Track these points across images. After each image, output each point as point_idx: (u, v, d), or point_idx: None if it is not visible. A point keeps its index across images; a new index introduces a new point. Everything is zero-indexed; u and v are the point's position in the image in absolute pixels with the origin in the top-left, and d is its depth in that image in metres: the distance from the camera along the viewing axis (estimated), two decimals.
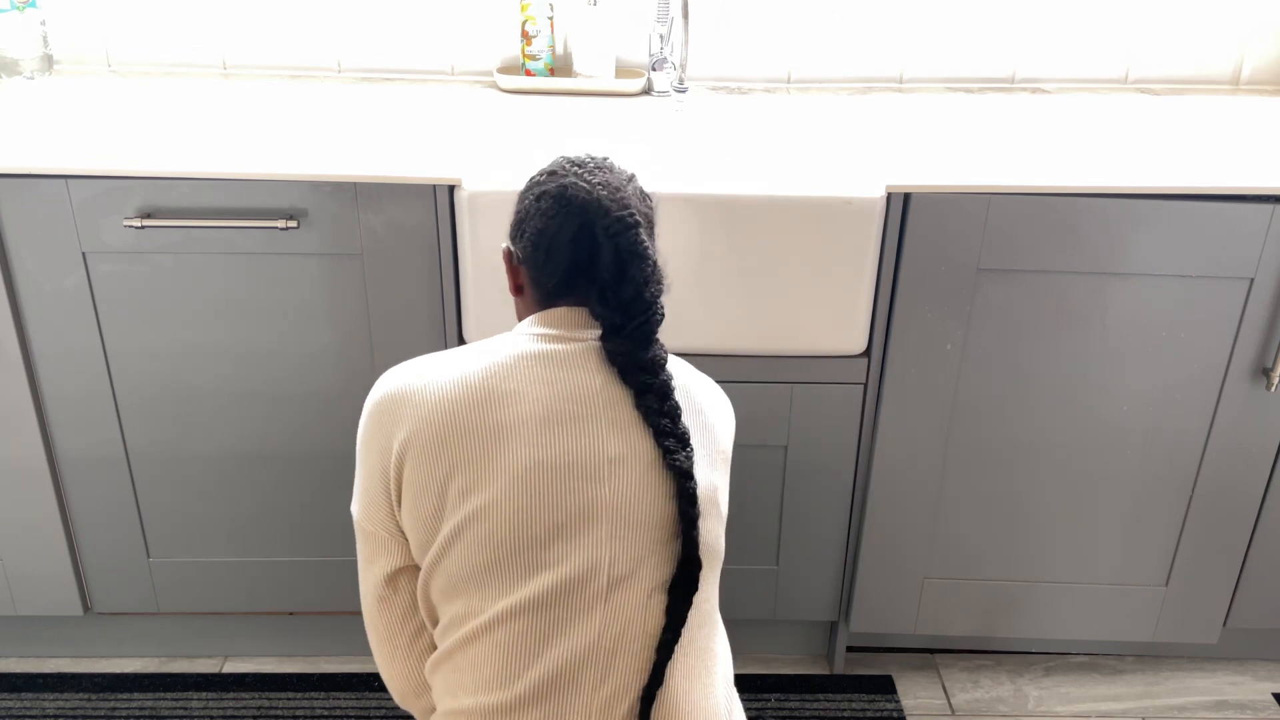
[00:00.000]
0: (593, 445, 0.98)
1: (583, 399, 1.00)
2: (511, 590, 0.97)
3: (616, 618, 0.97)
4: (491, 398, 0.99)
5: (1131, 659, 1.84)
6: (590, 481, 0.97)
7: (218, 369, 1.53)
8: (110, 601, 1.69)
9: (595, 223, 1.02)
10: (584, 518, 0.97)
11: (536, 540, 0.97)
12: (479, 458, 0.98)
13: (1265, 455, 1.58)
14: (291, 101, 1.69)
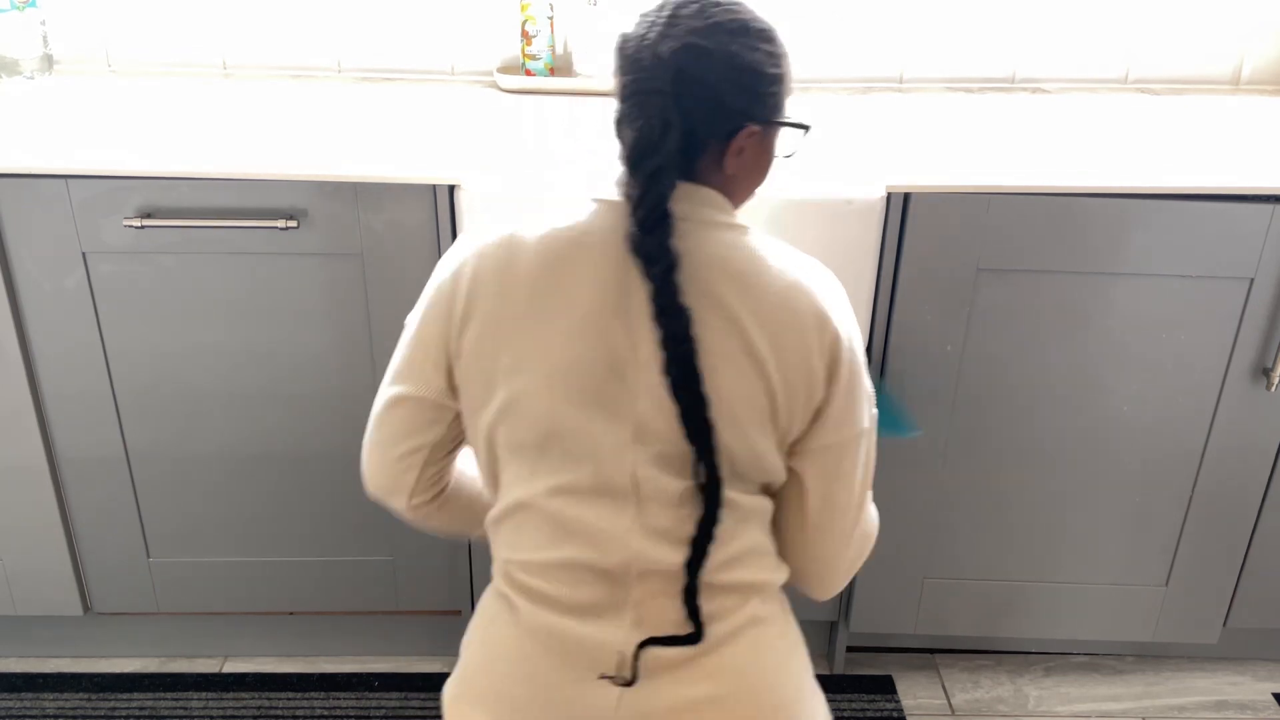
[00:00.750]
0: (626, 344, 0.92)
1: (623, 289, 0.92)
2: (551, 475, 0.95)
3: (644, 524, 0.94)
4: (552, 280, 0.93)
5: (1131, 659, 1.84)
6: (620, 383, 0.93)
7: (218, 369, 1.53)
8: (110, 601, 1.69)
9: (656, 30, 0.91)
10: (611, 419, 0.93)
11: (568, 433, 0.94)
12: (528, 341, 0.94)
13: (1265, 455, 1.58)
14: (291, 101, 1.69)
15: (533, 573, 0.97)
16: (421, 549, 1.66)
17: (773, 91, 0.95)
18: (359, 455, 1.58)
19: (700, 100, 0.91)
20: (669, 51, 0.91)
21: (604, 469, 0.94)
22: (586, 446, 0.94)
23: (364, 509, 1.64)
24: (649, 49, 0.91)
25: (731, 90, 0.92)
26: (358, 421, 1.56)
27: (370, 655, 1.81)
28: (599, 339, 0.93)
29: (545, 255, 0.95)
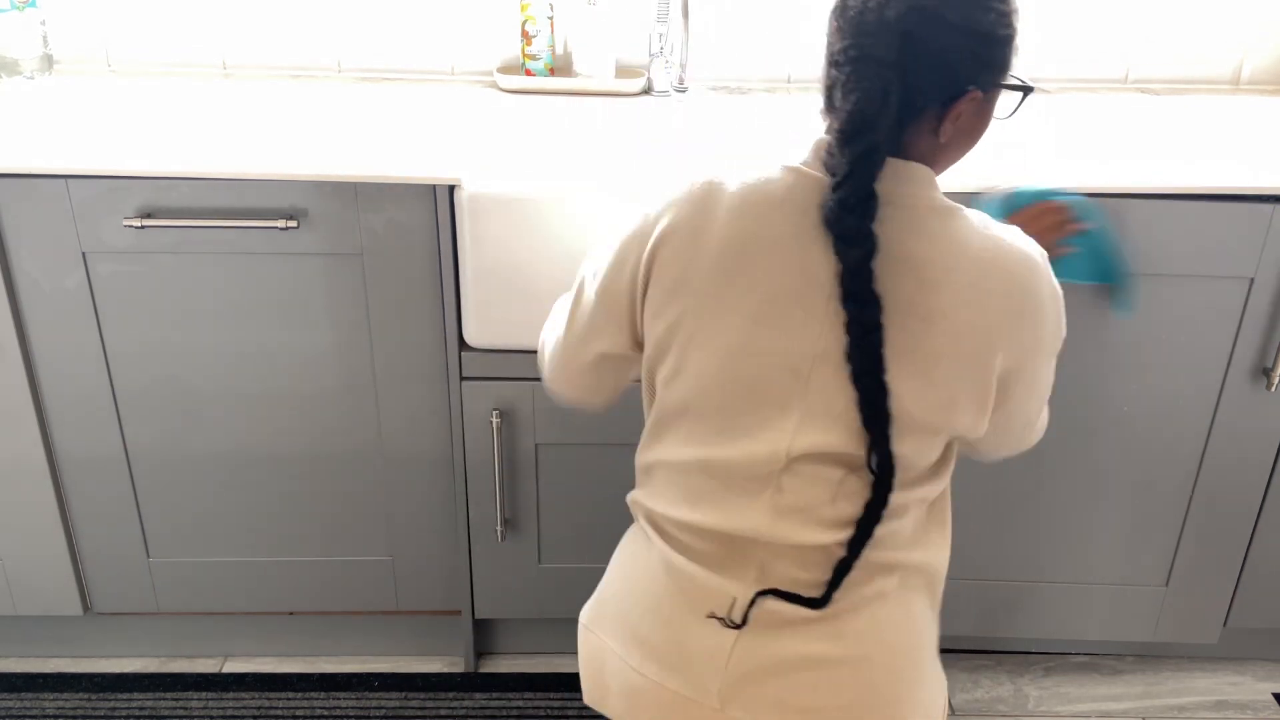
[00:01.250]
0: (807, 332, 0.91)
1: (809, 273, 0.90)
2: (702, 446, 0.96)
3: (779, 504, 0.94)
4: (740, 255, 0.91)
5: (1131, 659, 1.84)
6: (792, 373, 0.92)
7: (218, 369, 1.53)
8: (110, 601, 1.69)
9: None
10: (778, 405, 0.92)
11: (730, 413, 0.94)
12: (706, 314, 0.93)
13: (1265, 455, 1.58)
14: (291, 101, 1.69)
15: (671, 517, 1.00)
16: (421, 549, 1.66)
17: (1002, 54, 0.90)
18: (359, 455, 1.59)
19: (926, 68, 0.87)
20: (895, 16, 0.86)
21: (756, 450, 0.94)
22: (745, 427, 0.94)
23: (364, 509, 1.64)
24: (874, 12, 0.88)
25: (960, 56, 0.88)
26: (358, 422, 1.57)
27: (370, 655, 1.81)
28: (778, 326, 0.91)
29: (736, 227, 0.92)
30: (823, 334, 0.91)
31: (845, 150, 0.87)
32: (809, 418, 0.92)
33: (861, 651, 0.96)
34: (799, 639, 0.95)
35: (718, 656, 0.96)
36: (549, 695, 1.73)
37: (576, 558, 1.66)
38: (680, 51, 1.76)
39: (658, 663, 0.98)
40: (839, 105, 0.90)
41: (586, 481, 1.60)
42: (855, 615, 0.96)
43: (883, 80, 0.86)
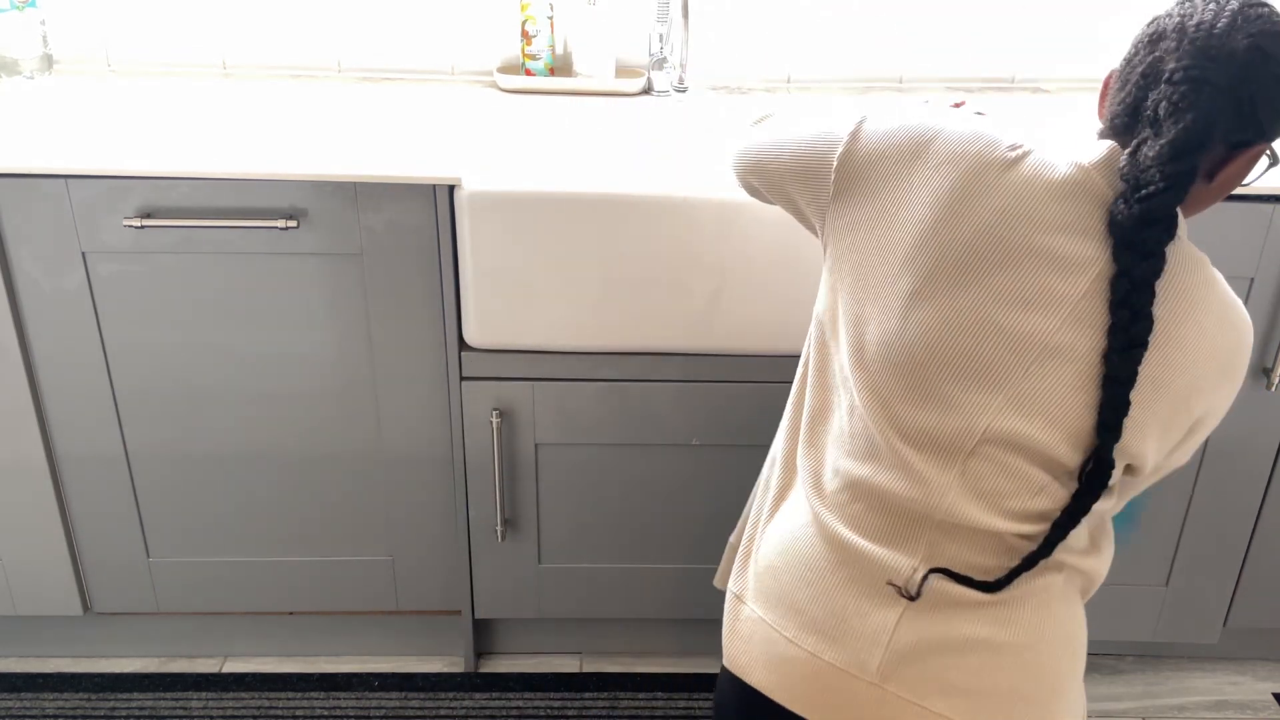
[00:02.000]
0: (1042, 323, 0.91)
1: (1066, 266, 0.91)
2: (894, 404, 0.95)
3: (966, 484, 0.94)
4: (1007, 232, 0.92)
5: (1131, 659, 1.84)
6: (1012, 351, 0.92)
7: (217, 369, 1.53)
8: (110, 601, 1.69)
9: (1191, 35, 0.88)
10: (983, 382, 0.92)
11: (931, 378, 0.94)
12: (940, 272, 0.93)
13: (1265, 455, 1.58)
14: (291, 101, 1.69)
15: (841, 483, 0.99)
16: (421, 549, 1.66)
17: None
18: (359, 455, 1.59)
19: (1240, 107, 0.89)
20: (1242, 48, 0.87)
21: (948, 423, 0.94)
22: (944, 395, 0.94)
23: (364, 509, 1.64)
24: (1219, 39, 0.88)
25: (1272, 105, 0.89)
26: (358, 422, 1.57)
27: (370, 655, 1.81)
28: (1017, 307, 0.91)
29: (1010, 201, 0.92)
30: (1063, 330, 0.91)
31: (1166, 166, 0.88)
32: (1015, 404, 0.92)
33: (1028, 640, 0.95)
34: (967, 621, 0.95)
35: (881, 633, 0.95)
36: (549, 695, 1.73)
37: (576, 558, 1.66)
38: (680, 51, 1.76)
39: (817, 634, 0.98)
40: (1162, 120, 0.90)
41: (586, 481, 1.60)
42: (1023, 605, 0.96)
43: (1216, 107, 0.88)
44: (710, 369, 1.51)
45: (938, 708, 0.94)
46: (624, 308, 1.45)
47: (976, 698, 0.94)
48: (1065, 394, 0.92)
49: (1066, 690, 0.99)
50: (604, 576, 1.67)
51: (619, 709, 1.71)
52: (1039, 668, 0.96)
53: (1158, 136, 0.89)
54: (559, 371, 1.51)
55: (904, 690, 0.94)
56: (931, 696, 0.94)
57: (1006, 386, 0.92)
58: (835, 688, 0.97)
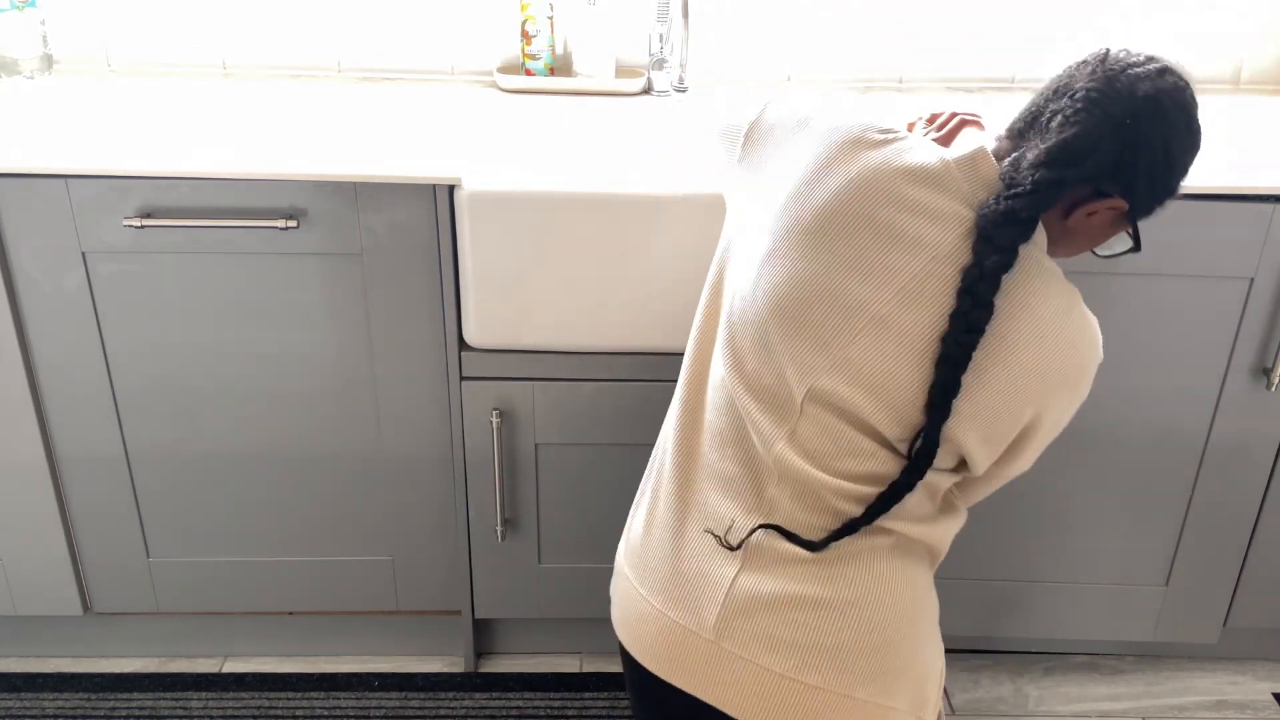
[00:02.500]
0: (871, 296, 0.96)
1: (907, 244, 0.96)
2: (745, 358, 1.02)
3: (796, 442, 0.99)
4: (844, 199, 0.98)
5: (1131, 659, 1.84)
6: (843, 317, 0.97)
7: (218, 369, 1.53)
8: (110, 601, 1.69)
9: (1088, 74, 0.97)
10: (814, 342, 0.97)
11: (772, 334, 0.99)
12: (793, 234, 0.99)
13: (1265, 455, 1.58)
14: (291, 101, 1.69)
15: (703, 436, 1.05)
16: (421, 549, 1.66)
17: (1159, 195, 0.99)
18: (359, 455, 1.59)
19: (1120, 148, 0.94)
20: (1142, 92, 0.94)
21: (783, 380, 0.99)
22: (779, 354, 0.99)
23: (364, 509, 1.64)
24: (1129, 77, 0.95)
25: (1146, 164, 0.96)
26: (358, 422, 1.57)
27: (370, 655, 1.81)
28: (856, 272, 0.96)
29: (869, 179, 0.98)
30: (893, 304, 0.95)
31: (1039, 171, 0.94)
32: (839, 367, 0.97)
33: (849, 597, 0.98)
34: (795, 580, 0.98)
35: (718, 590, 0.99)
36: (549, 695, 1.73)
37: (576, 558, 1.66)
38: (680, 51, 1.76)
39: (664, 593, 1.03)
40: (1052, 129, 0.96)
41: (586, 481, 1.60)
42: (849, 563, 0.99)
43: (1100, 135, 0.94)
44: None
45: (765, 662, 0.97)
46: (624, 308, 1.45)
47: (804, 652, 0.97)
48: (889, 366, 0.96)
49: (900, 651, 1.00)
50: (604, 576, 1.67)
51: (619, 709, 1.71)
52: (866, 625, 0.98)
53: (1042, 143, 0.96)
54: (559, 371, 1.51)
55: (735, 646, 0.98)
56: (761, 652, 0.97)
57: (833, 350, 0.97)
58: (679, 644, 1.01)
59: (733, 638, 0.98)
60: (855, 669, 0.97)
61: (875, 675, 0.98)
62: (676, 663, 1.01)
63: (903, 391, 0.96)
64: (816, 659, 0.97)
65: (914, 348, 0.95)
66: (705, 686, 0.99)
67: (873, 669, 0.98)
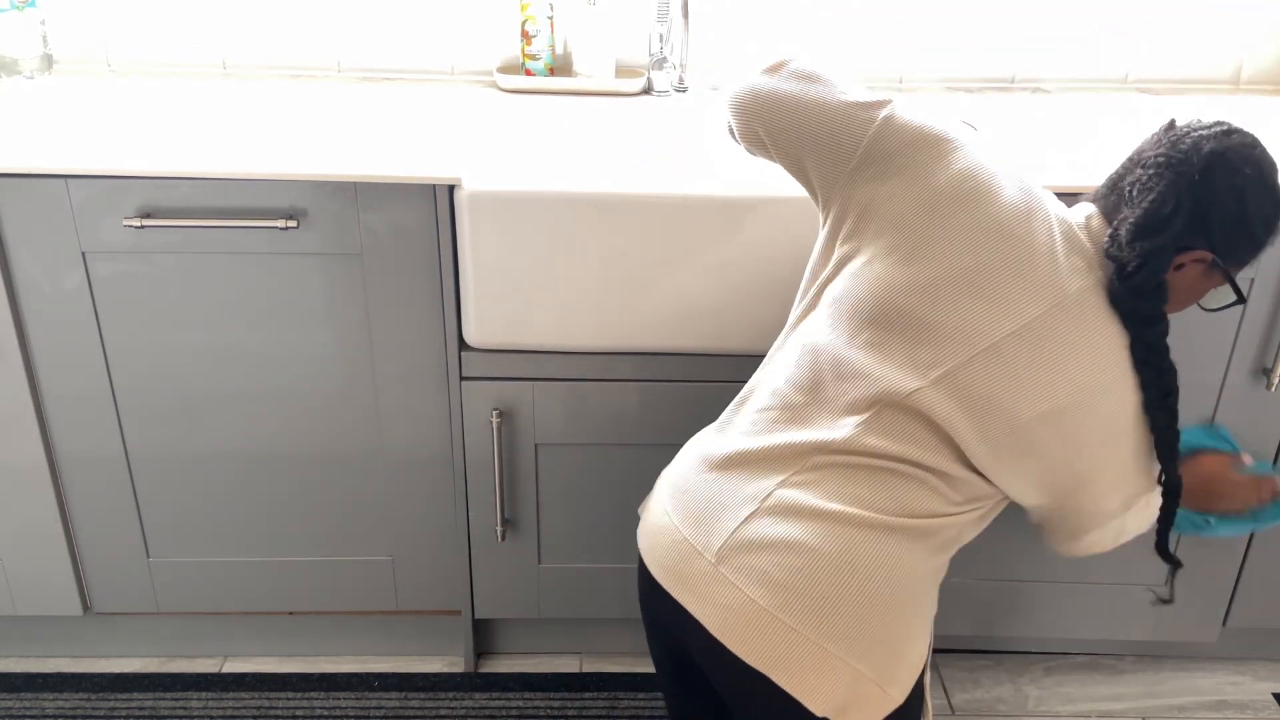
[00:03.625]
0: (1000, 318, 1.04)
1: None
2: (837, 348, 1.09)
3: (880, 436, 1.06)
4: (992, 248, 1.05)
5: (1131, 659, 1.84)
6: (967, 346, 1.04)
7: (218, 369, 1.53)
8: (110, 601, 1.69)
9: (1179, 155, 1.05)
10: (921, 345, 1.04)
11: (873, 330, 1.06)
12: (937, 245, 1.05)
13: (1265, 455, 1.58)
14: (291, 101, 1.69)
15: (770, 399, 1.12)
16: (421, 549, 1.66)
17: (1245, 249, 1.06)
18: (359, 455, 1.59)
19: (1194, 204, 1.02)
20: (1209, 151, 1.03)
21: (875, 379, 1.06)
22: (872, 354, 1.06)
23: (364, 509, 1.64)
24: (1193, 139, 1.04)
25: (1223, 217, 1.03)
26: (358, 422, 1.57)
27: (370, 655, 1.81)
28: (983, 294, 1.04)
29: (1005, 215, 1.06)
30: (1005, 334, 1.05)
31: (1136, 243, 1.03)
32: (948, 381, 1.04)
33: (849, 559, 1.02)
34: (802, 528, 1.03)
35: (731, 523, 1.06)
36: (549, 695, 1.73)
37: (576, 558, 1.66)
38: (680, 51, 1.76)
39: (685, 514, 1.10)
40: (1134, 198, 1.06)
41: (586, 481, 1.60)
42: (859, 529, 1.03)
43: (1178, 190, 1.03)
44: (710, 369, 1.51)
45: (753, 593, 1.02)
46: (624, 308, 1.45)
47: (788, 593, 1.02)
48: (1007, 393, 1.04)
49: (882, 623, 1.03)
50: (604, 576, 1.67)
51: (619, 709, 1.71)
52: (855, 589, 1.02)
53: (1130, 215, 1.04)
54: (559, 371, 1.51)
55: (732, 574, 1.04)
56: (751, 584, 1.03)
57: (940, 360, 1.04)
58: (684, 558, 1.08)
59: (732, 566, 1.04)
60: (834, 624, 1.01)
61: (851, 636, 1.02)
62: (678, 575, 1.08)
63: (1007, 412, 1.05)
64: (800, 603, 1.01)
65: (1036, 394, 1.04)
66: (695, 602, 1.05)
67: (850, 630, 1.02)
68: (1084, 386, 1.04)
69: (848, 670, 1.01)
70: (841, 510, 1.03)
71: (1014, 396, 1.03)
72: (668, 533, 1.11)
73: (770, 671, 1.01)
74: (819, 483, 1.05)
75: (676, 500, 1.12)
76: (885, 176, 1.07)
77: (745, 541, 1.04)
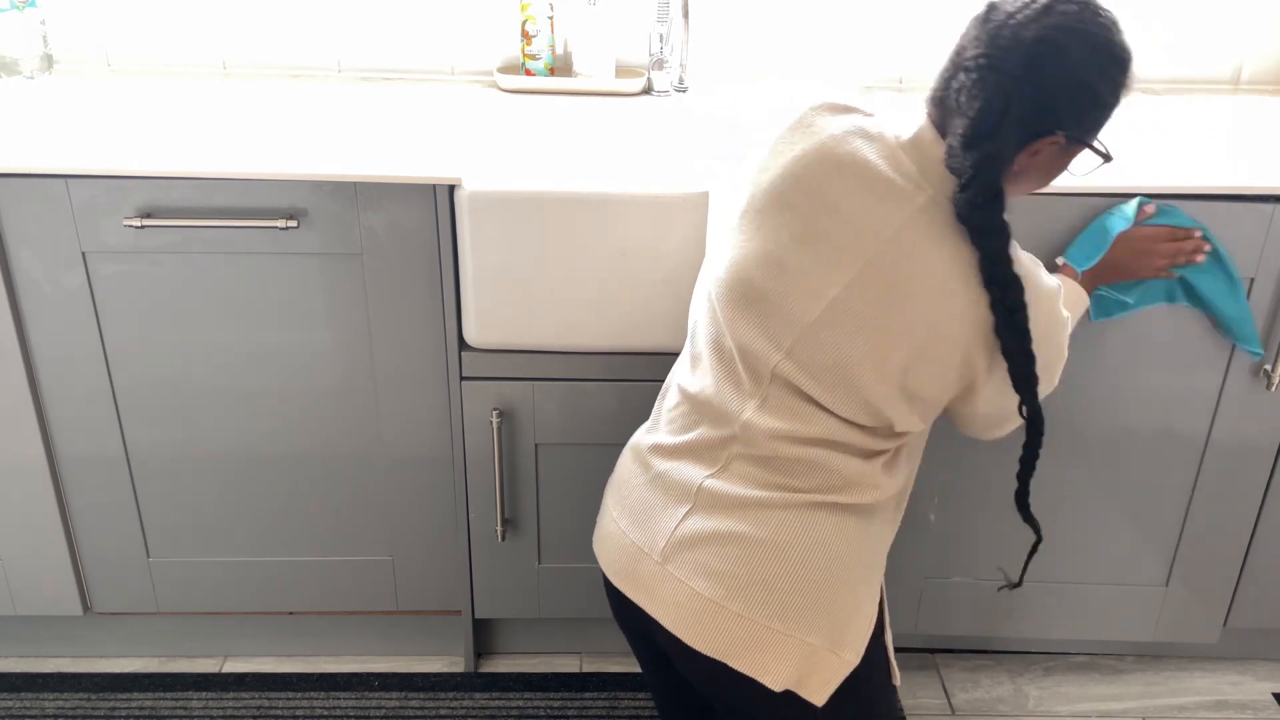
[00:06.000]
0: (831, 275, 1.04)
1: (863, 228, 1.03)
2: (713, 334, 1.12)
3: (764, 412, 1.09)
4: (839, 190, 1.04)
5: (1131, 659, 1.84)
6: (812, 299, 1.05)
7: (218, 369, 1.53)
8: (110, 601, 1.69)
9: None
10: (786, 322, 1.06)
11: (748, 310, 1.08)
12: (768, 215, 1.07)
13: (1265, 455, 1.58)
14: (291, 101, 1.69)
15: (677, 398, 1.16)
16: (421, 549, 1.66)
17: (1096, 115, 1.01)
18: (359, 455, 1.59)
19: (1031, 94, 0.96)
20: (1030, 39, 0.95)
21: (750, 354, 1.07)
22: (739, 335, 1.08)
23: (364, 509, 1.64)
24: (1012, 29, 0.96)
25: (1064, 98, 0.97)
26: (358, 422, 1.57)
27: (370, 655, 1.81)
28: (815, 256, 1.03)
29: (830, 163, 1.05)
30: (845, 284, 1.03)
31: (969, 153, 0.97)
32: (800, 348, 1.05)
33: (781, 539, 1.06)
34: (735, 519, 1.07)
35: (671, 523, 1.10)
36: (549, 695, 1.73)
37: (576, 558, 1.66)
38: (680, 51, 1.76)
39: (630, 518, 1.14)
40: (963, 108, 0.99)
41: (586, 481, 1.60)
42: (785, 510, 1.07)
43: (1006, 93, 0.96)
44: None
45: (698, 586, 1.07)
46: (624, 308, 1.45)
47: (730, 582, 1.06)
48: (834, 349, 1.05)
49: (823, 590, 1.07)
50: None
51: (619, 709, 1.71)
52: (792, 565, 1.06)
53: (959, 125, 0.99)
54: (559, 371, 1.51)
55: (677, 570, 1.08)
56: (697, 578, 1.07)
57: (799, 326, 1.05)
58: (634, 562, 1.12)
59: (677, 563, 1.08)
60: (776, 603, 1.05)
61: (795, 611, 1.05)
62: (630, 577, 1.12)
63: (864, 374, 1.04)
64: (742, 589, 1.05)
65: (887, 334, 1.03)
66: (649, 602, 1.10)
67: (793, 605, 1.05)
68: (935, 319, 1.01)
69: (796, 644, 1.05)
70: (766, 496, 1.07)
71: (871, 346, 1.03)
72: (615, 538, 1.15)
73: (725, 658, 1.06)
74: (741, 474, 1.08)
75: (620, 505, 1.16)
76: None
77: (684, 538, 1.08)
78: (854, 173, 1.02)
